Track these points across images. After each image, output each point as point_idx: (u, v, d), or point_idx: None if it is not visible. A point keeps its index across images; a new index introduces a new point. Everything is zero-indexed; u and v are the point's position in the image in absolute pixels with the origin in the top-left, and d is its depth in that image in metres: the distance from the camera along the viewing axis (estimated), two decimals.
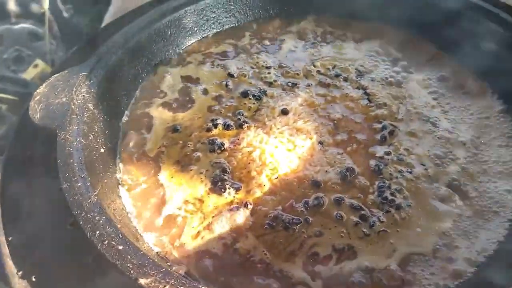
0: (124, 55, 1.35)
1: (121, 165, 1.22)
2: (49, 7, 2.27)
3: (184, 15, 1.53)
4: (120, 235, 0.87)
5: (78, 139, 1.07)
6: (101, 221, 0.89)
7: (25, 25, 2.52)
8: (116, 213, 1.02)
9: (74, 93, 1.16)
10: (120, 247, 0.83)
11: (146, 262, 0.82)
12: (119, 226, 0.91)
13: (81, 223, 0.87)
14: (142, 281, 0.77)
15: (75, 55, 1.42)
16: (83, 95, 1.18)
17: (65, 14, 2.51)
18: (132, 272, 0.79)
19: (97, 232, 0.86)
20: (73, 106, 1.14)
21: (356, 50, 1.54)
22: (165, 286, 0.76)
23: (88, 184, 0.98)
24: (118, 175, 1.19)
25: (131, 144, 1.26)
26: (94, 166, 1.07)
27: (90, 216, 0.89)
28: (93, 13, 2.46)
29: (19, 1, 2.64)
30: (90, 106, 1.18)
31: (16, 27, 2.50)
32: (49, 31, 2.31)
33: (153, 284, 0.77)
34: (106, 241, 0.84)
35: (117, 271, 0.79)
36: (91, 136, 1.14)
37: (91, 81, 1.22)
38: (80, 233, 0.87)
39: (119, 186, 1.17)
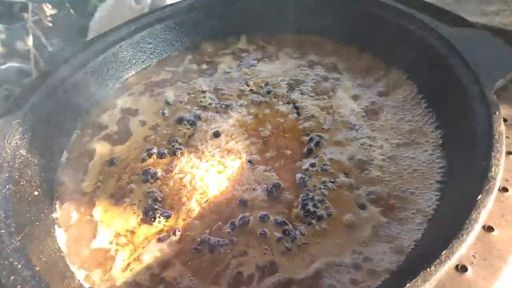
0: (59, 97, 1.41)
1: (57, 205, 1.25)
2: (34, 44, 2.36)
3: (120, 50, 1.58)
4: (36, 277, 0.91)
5: (7, 187, 1.12)
6: (19, 266, 0.93)
7: (12, 64, 2.61)
8: (44, 254, 1.06)
9: (6, 141, 1.21)
10: None
11: None
12: (38, 268, 0.95)
13: None
14: None
15: (12, 104, 1.46)
16: (16, 142, 1.23)
17: (50, 49, 2.59)
18: None
19: (12, 277, 0.89)
20: (4, 155, 1.18)
21: (288, 64, 1.58)
22: None
23: (12, 230, 1.02)
24: (54, 215, 1.23)
25: (68, 182, 1.31)
26: (23, 211, 1.12)
27: (7, 263, 0.92)
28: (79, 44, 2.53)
29: (4, 42, 2.74)
30: (23, 152, 1.23)
31: (3, 67, 2.59)
32: (35, 67, 2.40)
33: None
34: (19, 286, 0.87)
35: None
36: (24, 181, 1.19)
37: (25, 127, 1.27)
38: None
39: (55, 226, 1.20)
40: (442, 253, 0.78)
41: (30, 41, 2.47)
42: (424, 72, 1.31)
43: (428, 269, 0.77)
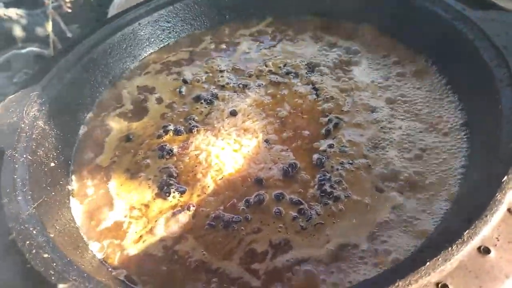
0: (77, 72, 1.41)
1: (73, 177, 1.26)
2: (53, 29, 2.38)
3: (139, 28, 1.57)
4: (50, 244, 0.91)
5: (24, 156, 1.12)
6: (34, 232, 0.93)
7: (31, 49, 2.64)
8: (58, 223, 1.06)
9: (24, 112, 1.22)
10: (46, 255, 0.87)
11: (70, 268, 0.86)
12: (52, 235, 0.95)
13: (14, 234, 0.91)
14: (61, 286, 0.80)
15: (34, 77, 1.47)
16: (34, 113, 1.23)
17: (69, 34, 2.61)
18: (53, 278, 0.82)
19: (27, 242, 0.90)
20: (22, 125, 1.19)
21: (308, 45, 1.55)
22: None
23: (29, 197, 1.02)
24: (70, 187, 1.23)
25: (84, 156, 1.31)
26: (40, 180, 1.12)
27: (24, 228, 0.93)
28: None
29: (24, 26, 2.77)
30: (41, 123, 1.23)
31: (23, 51, 2.63)
32: (54, 52, 2.42)
33: None
34: (34, 250, 0.88)
35: (39, 277, 0.83)
36: (40, 151, 1.19)
37: (43, 100, 1.28)
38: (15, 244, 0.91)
39: (70, 197, 1.21)
40: (465, 233, 0.76)
41: (49, 26, 2.49)
42: (448, 55, 1.28)
43: (450, 249, 0.75)
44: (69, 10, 2.94)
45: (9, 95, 1.29)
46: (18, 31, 2.71)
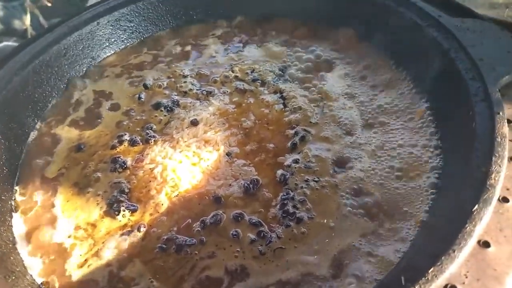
0: (27, 75, 1.30)
1: (18, 191, 1.15)
2: (31, 23, 2.26)
3: (97, 27, 1.47)
4: None
5: None
6: None
7: (8, 43, 2.50)
8: None
9: None
10: None
11: None
12: None
13: None
14: None
15: None
16: None
17: None
18: None
19: None
20: None
21: (277, 51, 1.46)
22: None
23: None
24: (12, 202, 1.12)
25: (31, 167, 1.20)
26: None
27: None
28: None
29: (1, 19, 2.63)
30: None
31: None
32: None
33: None
34: None
35: None
36: None
37: None
38: None
39: (12, 213, 1.10)
40: (429, 270, 0.68)
41: (27, 20, 2.36)
42: (422, 65, 1.20)
43: None
44: (49, 4, 2.82)
45: None
46: None
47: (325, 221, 0.99)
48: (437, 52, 1.13)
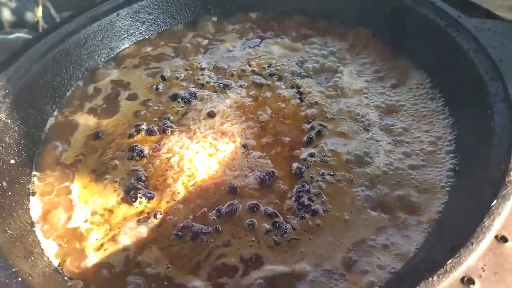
0: (47, 63, 1.31)
1: (35, 176, 1.17)
2: (43, 16, 2.28)
3: (117, 19, 1.48)
4: None
5: None
6: None
7: (19, 34, 2.53)
8: (11, 227, 0.97)
9: None
10: None
11: (14, 281, 0.77)
12: (0, 242, 0.86)
13: None
14: None
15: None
16: None
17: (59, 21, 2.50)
18: None
19: None
20: None
21: (295, 47, 1.48)
22: None
23: None
24: (30, 186, 1.14)
25: (49, 153, 1.22)
26: None
27: None
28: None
29: (14, 11, 2.65)
30: (2, 116, 1.14)
31: (10, 36, 2.51)
32: None
33: None
34: None
35: None
36: None
37: (6, 91, 1.18)
38: None
39: (30, 197, 1.12)
40: (448, 262, 0.69)
41: (39, 12, 2.39)
42: (441, 65, 1.21)
43: (430, 279, 0.68)
44: None
45: None
46: (6, 15, 2.60)
47: (340, 214, 1.00)
48: (456, 52, 1.13)
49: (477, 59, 1.08)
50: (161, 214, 1.04)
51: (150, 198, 1.08)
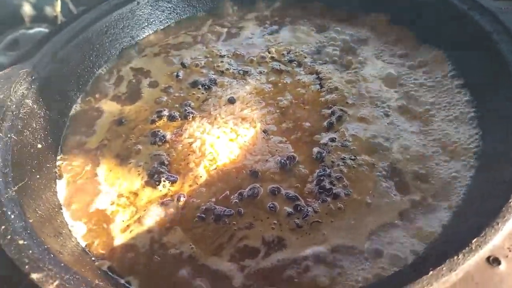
0: (71, 51, 1.34)
1: (61, 160, 1.20)
2: (61, 10, 2.32)
3: (138, 7, 1.51)
4: (28, 230, 0.86)
5: (9, 135, 1.06)
6: (12, 216, 0.87)
7: (39, 29, 2.58)
8: (41, 208, 1.01)
9: (12, 90, 1.15)
10: (22, 242, 0.81)
11: (47, 257, 0.80)
12: (31, 221, 0.89)
13: None
14: (34, 275, 0.75)
15: (25, 54, 1.40)
16: (22, 92, 1.17)
17: None
18: (26, 267, 0.76)
19: (2, 226, 0.84)
20: (9, 103, 1.12)
21: (314, 33, 1.48)
22: (55, 281, 0.74)
23: (10, 179, 0.96)
24: (57, 170, 1.17)
25: (74, 138, 1.25)
26: (24, 162, 1.06)
27: (1, 212, 0.87)
28: None
29: (34, 5, 2.70)
30: (29, 102, 1.17)
31: (31, 31, 2.56)
32: None
33: (44, 278, 0.74)
34: (9, 236, 0.82)
35: (12, 265, 0.77)
36: (27, 131, 1.13)
37: (33, 78, 1.21)
38: None
39: (57, 181, 1.15)
40: (473, 241, 0.69)
41: (58, 6, 2.42)
42: (463, 48, 1.20)
43: (455, 258, 0.68)
44: None
45: None
46: (27, 10, 2.65)
47: (362, 197, 1.00)
48: (479, 35, 1.12)
49: (501, 41, 1.06)
50: (184, 197, 1.06)
51: (173, 182, 1.10)
